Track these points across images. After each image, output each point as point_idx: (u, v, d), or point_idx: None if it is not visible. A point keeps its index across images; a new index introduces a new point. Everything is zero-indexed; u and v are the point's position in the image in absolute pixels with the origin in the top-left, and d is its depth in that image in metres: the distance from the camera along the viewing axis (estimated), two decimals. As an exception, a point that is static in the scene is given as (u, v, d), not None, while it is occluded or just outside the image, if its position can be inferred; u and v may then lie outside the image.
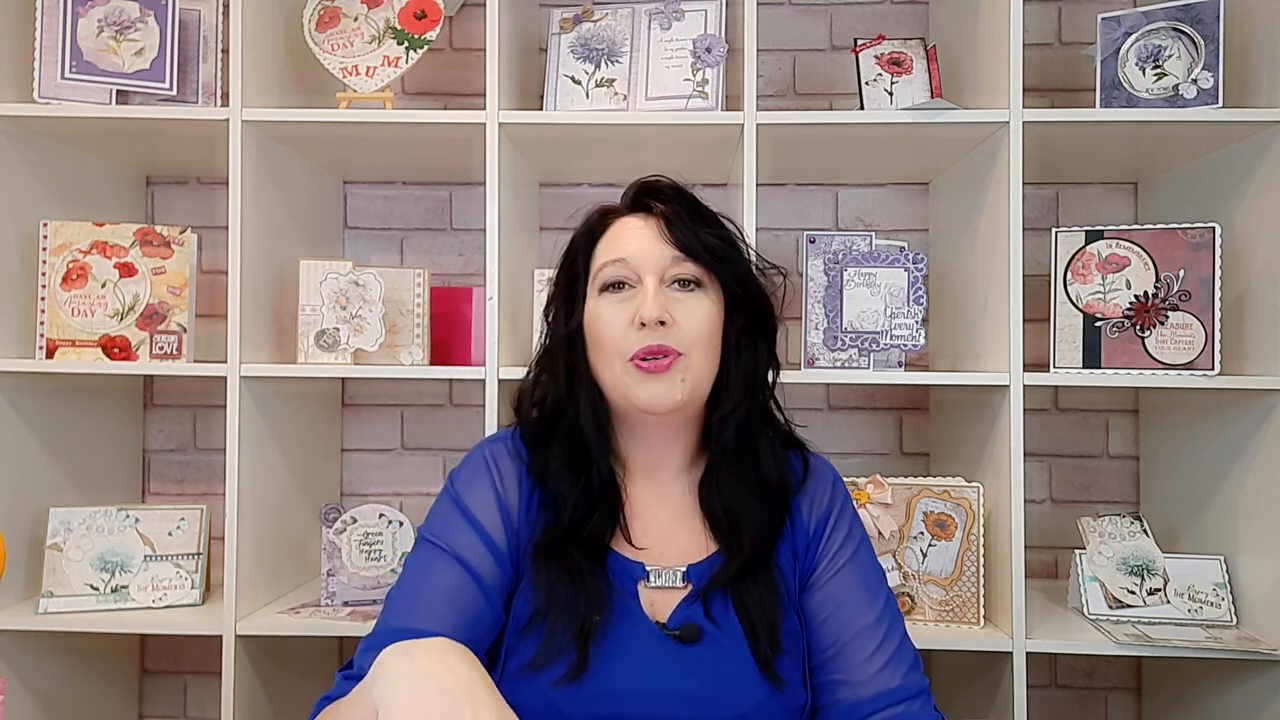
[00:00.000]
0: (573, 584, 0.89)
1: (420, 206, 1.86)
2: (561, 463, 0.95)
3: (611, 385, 0.94)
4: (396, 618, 0.87)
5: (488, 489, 0.95)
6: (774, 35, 1.81)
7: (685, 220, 0.94)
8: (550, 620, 0.88)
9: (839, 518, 0.99)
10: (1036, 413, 1.79)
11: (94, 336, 1.46)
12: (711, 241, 0.94)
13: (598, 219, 0.99)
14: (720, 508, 0.95)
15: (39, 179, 1.52)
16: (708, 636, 0.90)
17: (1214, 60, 1.38)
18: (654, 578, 0.93)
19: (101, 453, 1.70)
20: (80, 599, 1.44)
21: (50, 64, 1.44)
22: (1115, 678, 1.78)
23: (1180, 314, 1.39)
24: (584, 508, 0.93)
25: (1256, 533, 1.42)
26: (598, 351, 0.94)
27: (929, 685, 0.92)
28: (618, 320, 0.92)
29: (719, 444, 0.96)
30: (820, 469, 1.02)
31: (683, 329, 0.91)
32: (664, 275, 0.93)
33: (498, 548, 0.92)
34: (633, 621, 0.90)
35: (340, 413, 1.85)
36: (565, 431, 0.96)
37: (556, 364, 0.98)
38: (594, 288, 0.95)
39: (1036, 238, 1.67)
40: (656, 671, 0.88)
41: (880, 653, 0.91)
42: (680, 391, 0.91)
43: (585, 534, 0.92)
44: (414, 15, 1.48)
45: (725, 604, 0.91)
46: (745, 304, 0.97)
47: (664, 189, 0.98)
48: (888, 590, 0.97)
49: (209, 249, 1.75)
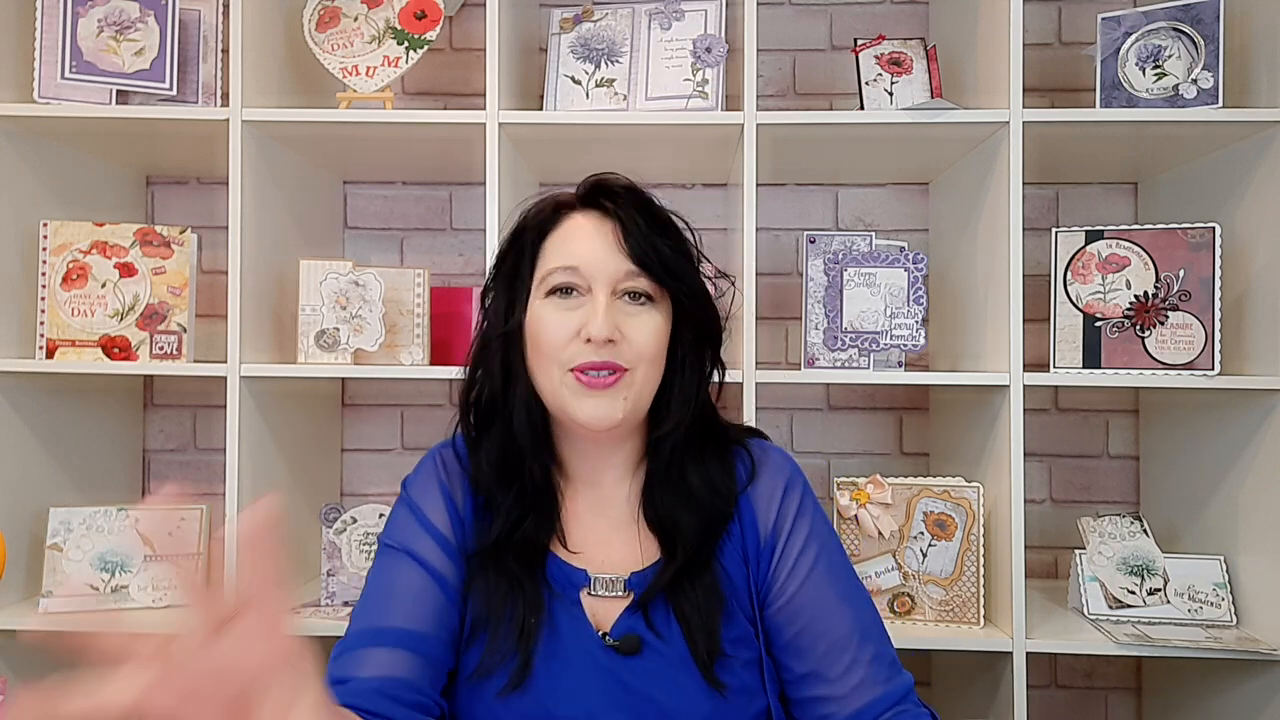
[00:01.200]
0: (510, 590, 0.88)
1: (420, 206, 1.86)
2: (494, 466, 0.92)
3: (549, 394, 0.90)
4: (366, 618, 0.87)
5: (437, 493, 0.94)
6: (774, 35, 1.81)
7: (641, 228, 0.90)
8: (490, 628, 0.87)
9: (796, 520, 0.94)
10: (1036, 413, 1.79)
11: (94, 336, 1.46)
12: (666, 254, 0.90)
13: (550, 212, 0.94)
14: (656, 517, 0.93)
15: (39, 179, 1.53)
16: (649, 648, 0.87)
17: (1214, 60, 1.38)
18: (596, 586, 0.91)
19: (101, 453, 1.70)
20: (80, 599, 1.44)
21: (50, 64, 1.45)
22: (1115, 678, 1.78)
23: (1180, 314, 1.39)
24: (517, 513, 0.91)
25: (1256, 533, 1.42)
26: (537, 356, 0.90)
27: (912, 682, 0.89)
28: (562, 328, 0.88)
29: (657, 458, 0.94)
30: (772, 464, 0.97)
31: (631, 344, 0.88)
32: (616, 288, 0.89)
33: (453, 548, 0.91)
34: (576, 631, 0.88)
35: (340, 413, 1.85)
36: (499, 433, 0.93)
37: (492, 361, 0.93)
38: (540, 288, 0.91)
39: (1036, 238, 1.68)
40: (599, 683, 0.86)
41: (858, 664, 0.87)
42: (621, 410, 0.88)
43: (518, 539, 0.90)
44: (414, 15, 1.48)
45: (667, 614, 0.89)
46: (694, 318, 0.94)
47: (619, 188, 0.93)
48: (858, 589, 0.93)
49: (209, 249, 1.75)
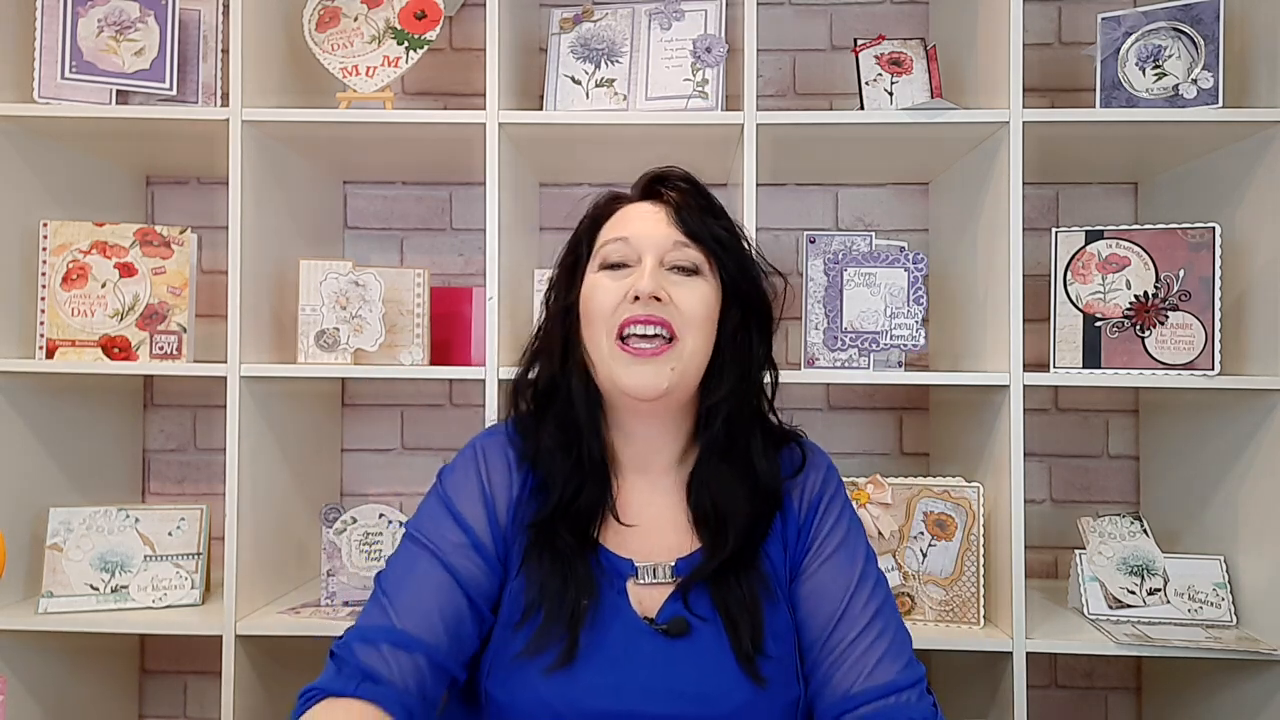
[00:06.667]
0: (563, 571, 0.90)
1: (420, 206, 1.86)
2: (554, 441, 0.95)
3: (599, 365, 0.93)
4: (383, 614, 0.87)
5: (473, 485, 0.95)
6: (774, 35, 1.81)
7: (695, 209, 0.95)
8: (544, 610, 0.88)
9: (830, 503, 0.98)
10: (1036, 413, 1.79)
11: (94, 336, 1.45)
12: (718, 231, 0.95)
13: (606, 203, 1.00)
14: (708, 503, 0.94)
15: (39, 179, 1.52)
16: (695, 631, 0.89)
17: (1214, 60, 1.38)
18: (642, 575, 0.93)
19: (101, 453, 1.70)
20: (80, 599, 1.44)
21: (50, 64, 1.44)
22: (1115, 678, 1.78)
23: (1180, 314, 1.39)
24: (575, 484, 0.93)
25: (1256, 533, 1.42)
26: (589, 327, 0.94)
27: (924, 673, 0.90)
28: (611, 294, 0.92)
29: (708, 434, 0.95)
30: (816, 458, 1.01)
31: (679, 308, 0.91)
32: (664, 258, 0.93)
33: (483, 545, 0.92)
34: (621, 617, 0.90)
35: (340, 413, 1.85)
36: (558, 411, 0.96)
37: (552, 341, 0.98)
38: (594, 264, 0.96)
39: (1036, 238, 1.67)
40: (643, 666, 0.87)
41: (871, 645, 0.89)
42: (667, 379, 0.90)
43: (575, 510, 0.92)
44: (414, 15, 1.48)
45: (708, 601, 0.90)
46: (743, 297, 0.96)
47: (677, 178, 0.98)
48: (879, 579, 0.95)
49: (209, 249, 1.75)
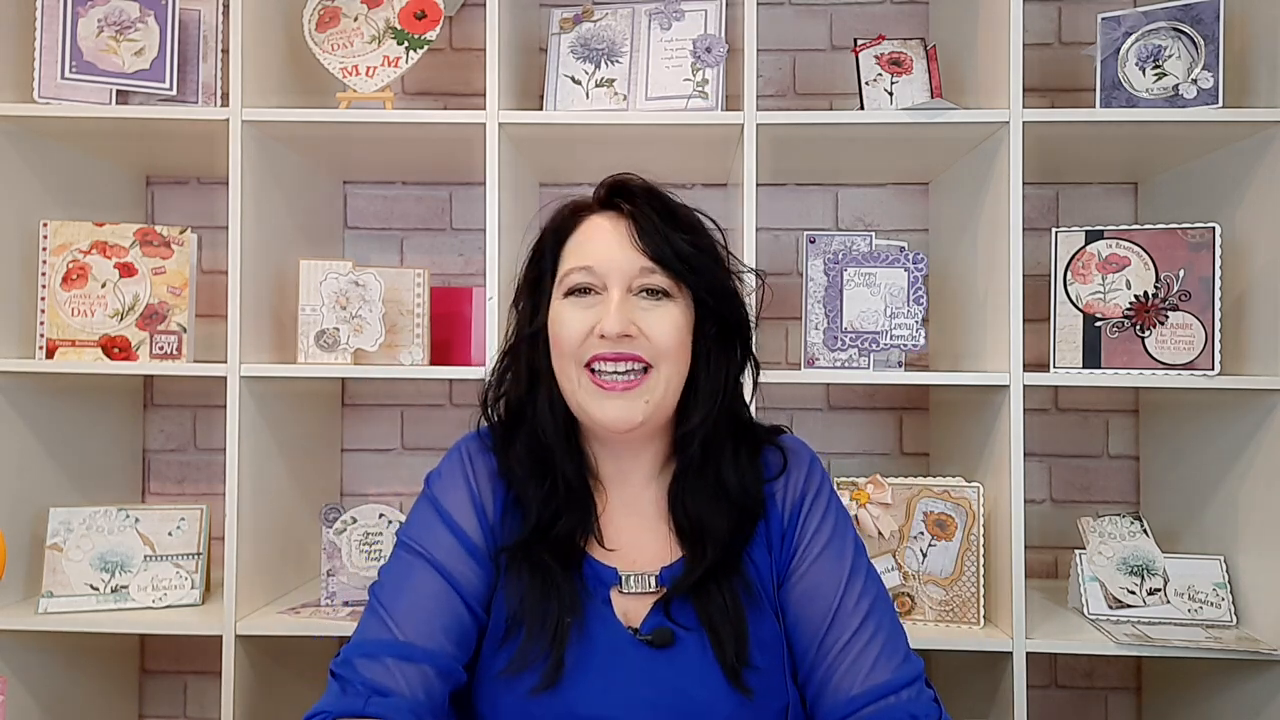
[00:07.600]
0: (545, 588, 0.88)
1: (420, 206, 1.86)
2: (525, 465, 0.93)
3: (570, 395, 0.91)
4: (383, 627, 0.86)
5: (463, 489, 0.94)
6: (774, 35, 1.81)
7: (656, 224, 0.90)
8: (525, 626, 0.87)
9: (814, 501, 0.95)
10: (1036, 413, 1.79)
11: (94, 336, 1.45)
12: (683, 248, 0.90)
13: (567, 215, 0.96)
14: (685, 516, 0.93)
15: (39, 179, 1.52)
16: (680, 642, 0.88)
17: (1214, 60, 1.38)
18: (626, 583, 0.91)
19: (101, 453, 1.70)
20: (80, 599, 1.44)
21: (50, 64, 1.44)
22: (1115, 678, 1.78)
23: (1180, 314, 1.39)
24: (551, 510, 0.91)
25: (1256, 533, 1.42)
26: (558, 357, 0.91)
27: (922, 666, 0.89)
28: (578, 325, 0.89)
29: (685, 455, 0.94)
30: (797, 456, 0.99)
31: (649, 339, 0.89)
32: (631, 285, 0.90)
33: (476, 549, 0.91)
34: (606, 628, 0.89)
35: (340, 413, 1.85)
36: (528, 433, 0.94)
37: (519, 364, 0.96)
38: (559, 290, 0.93)
39: (1036, 238, 1.67)
40: (629, 677, 0.87)
41: (868, 644, 0.88)
42: (642, 412, 0.89)
43: (554, 536, 0.91)
44: (414, 15, 1.48)
45: (692, 611, 0.89)
46: (716, 313, 0.94)
47: (635, 188, 0.94)
48: (870, 572, 0.93)
49: (209, 249, 1.75)
